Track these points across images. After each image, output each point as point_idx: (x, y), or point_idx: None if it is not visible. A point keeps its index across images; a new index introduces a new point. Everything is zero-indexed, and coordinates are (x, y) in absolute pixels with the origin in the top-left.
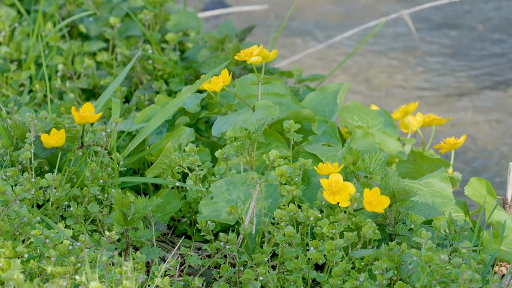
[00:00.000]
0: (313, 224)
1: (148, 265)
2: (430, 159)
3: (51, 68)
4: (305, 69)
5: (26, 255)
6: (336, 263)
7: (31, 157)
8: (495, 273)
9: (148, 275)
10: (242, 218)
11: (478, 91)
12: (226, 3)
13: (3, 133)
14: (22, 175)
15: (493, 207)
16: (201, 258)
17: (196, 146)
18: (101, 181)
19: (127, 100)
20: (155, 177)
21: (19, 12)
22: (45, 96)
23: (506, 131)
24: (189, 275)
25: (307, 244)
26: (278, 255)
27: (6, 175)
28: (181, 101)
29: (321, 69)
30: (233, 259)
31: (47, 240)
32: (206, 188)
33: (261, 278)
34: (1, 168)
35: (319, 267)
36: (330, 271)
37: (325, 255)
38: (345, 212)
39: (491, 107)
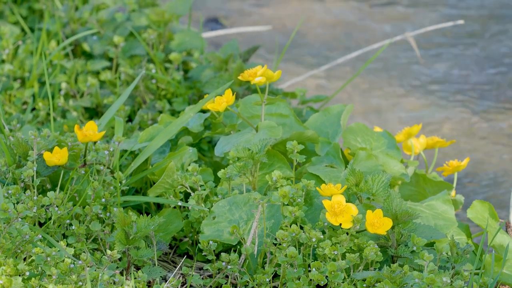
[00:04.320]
0: (315, 245)
1: (149, 284)
2: (433, 182)
3: (54, 86)
4: (309, 90)
5: (27, 273)
6: (338, 284)
7: (33, 175)
8: None
9: None
10: (244, 238)
11: None
12: (220, 22)
13: (5, 151)
14: (24, 193)
15: (495, 230)
16: (202, 278)
17: (199, 166)
18: (103, 199)
19: (130, 119)
20: (158, 196)
21: (23, 30)
22: (48, 114)
23: None
24: None
25: (309, 265)
26: (279, 275)
27: (8, 192)
28: (184, 121)
29: (325, 90)
30: (234, 279)
31: (48, 258)
32: (208, 208)
33: None
34: (4, 185)
35: None
36: None
37: (327, 276)
38: (347, 233)
39: None
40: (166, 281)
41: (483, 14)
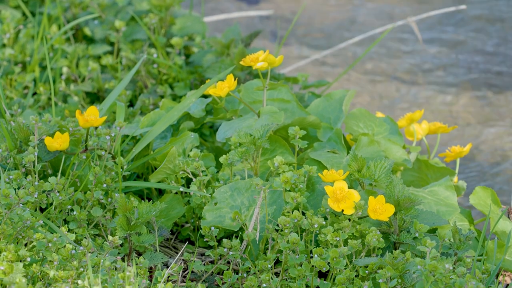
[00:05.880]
0: (317, 232)
1: (151, 270)
2: (435, 167)
3: (55, 71)
4: (311, 75)
5: (28, 259)
6: (340, 271)
7: (34, 160)
8: (499, 283)
9: (150, 281)
10: (246, 224)
11: None
12: None
13: (6, 136)
14: (26, 178)
15: (498, 216)
16: (204, 264)
17: (201, 151)
18: (104, 185)
19: (131, 104)
20: (159, 182)
21: (24, 14)
22: (49, 99)
23: None
24: (192, 281)
25: (311, 252)
26: (281, 262)
27: (9, 178)
28: (186, 106)
29: (327, 75)
30: (236, 265)
31: (49, 244)
32: (210, 194)
33: (264, 285)
34: (5, 171)
35: (322, 275)
36: (334, 279)
37: (329, 263)
38: (349, 219)
39: None
40: (167, 267)
41: None
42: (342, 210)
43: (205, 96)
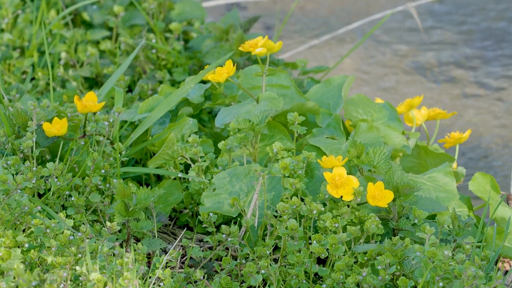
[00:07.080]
0: (316, 218)
1: (149, 256)
2: (434, 154)
3: (54, 56)
4: (310, 60)
5: (26, 245)
6: (338, 257)
7: (32, 146)
8: (498, 269)
9: (149, 267)
10: (244, 210)
11: None
12: None
13: (5, 121)
14: (24, 164)
15: (497, 202)
16: (202, 250)
17: (199, 137)
18: (102, 171)
19: (130, 89)
20: (157, 167)
21: None
22: (48, 84)
23: None
24: (191, 267)
25: (310, 238)
26: (280, 248)
27: (7, 163)
28: (184, 92)
29: (326, 61)
30: (235, 251)
31: (47, 230)
32: (208, 180)
33: (262, 271)
34: (3, 156)
35: (321, 261)
36: (333, 265)
37: (327, 249)
38: (348, 206)
39: None
40: (166, 253)
41: None
42: (341, 196)
43: (203, 82)
